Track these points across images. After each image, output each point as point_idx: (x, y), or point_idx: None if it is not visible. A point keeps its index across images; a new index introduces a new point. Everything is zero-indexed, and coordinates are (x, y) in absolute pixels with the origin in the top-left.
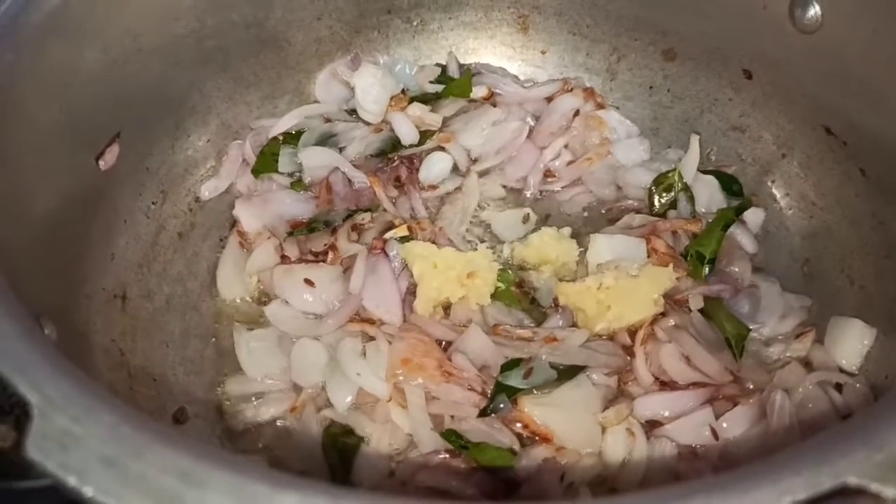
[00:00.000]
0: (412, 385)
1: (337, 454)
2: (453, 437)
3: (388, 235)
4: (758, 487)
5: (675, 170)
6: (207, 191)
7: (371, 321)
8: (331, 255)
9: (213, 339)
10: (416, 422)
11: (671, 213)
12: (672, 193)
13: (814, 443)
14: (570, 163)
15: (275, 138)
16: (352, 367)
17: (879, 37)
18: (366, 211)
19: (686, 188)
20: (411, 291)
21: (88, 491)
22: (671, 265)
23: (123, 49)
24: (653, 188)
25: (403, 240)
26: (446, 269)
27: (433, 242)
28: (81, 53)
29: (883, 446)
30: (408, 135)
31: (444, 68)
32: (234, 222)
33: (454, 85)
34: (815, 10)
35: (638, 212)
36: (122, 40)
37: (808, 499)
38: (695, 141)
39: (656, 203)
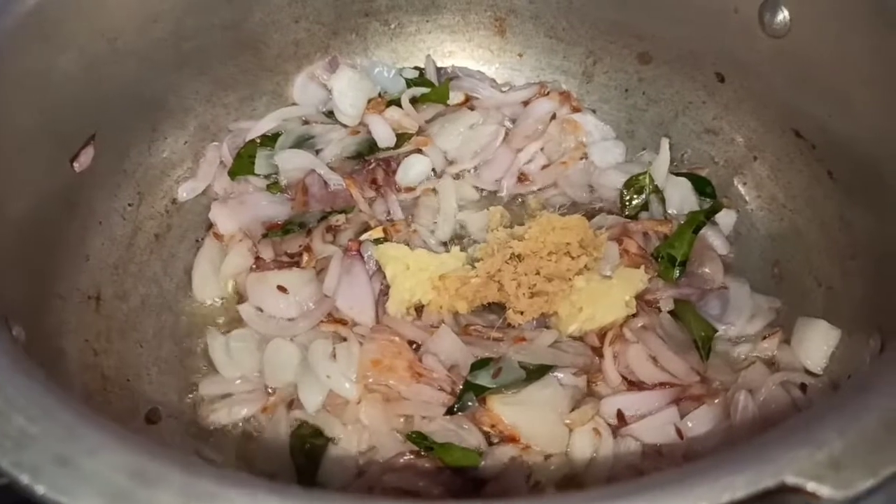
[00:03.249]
0: (369, 395)
1: (304, 455)
2: (418, 439)
3: (363, 237)
4: (699, 485)
5: (645, 172)
6: (185, 192)
7: (343, 322)
8: (305, 257)
9: (188, 340)
10: (375, 429)
11: (643, 214)
12: (643, 195)
13: (758, 441)
14: (545, 166)
15: (252, 140)
16: (322, 369)
17: (845, 41)
18: (341, 212)
19: (657, 190)
20: (385, 293)
21: (40, 489)
22: (643, 266)
23: (100, 51)
24: (624, 190)
25: (378, 241)
26: (419, 270)
27: (407, 244)
28: (57, 56)
29: (823, 445)
30: (385, 138)
31: (421, 71)
32: (210, 224)
33: (432, 92)
34: (783, 15)
35: (610, 213)
36: (98, 43)
37: (746, 496)
38: (665, 144)
39: (627, 205)
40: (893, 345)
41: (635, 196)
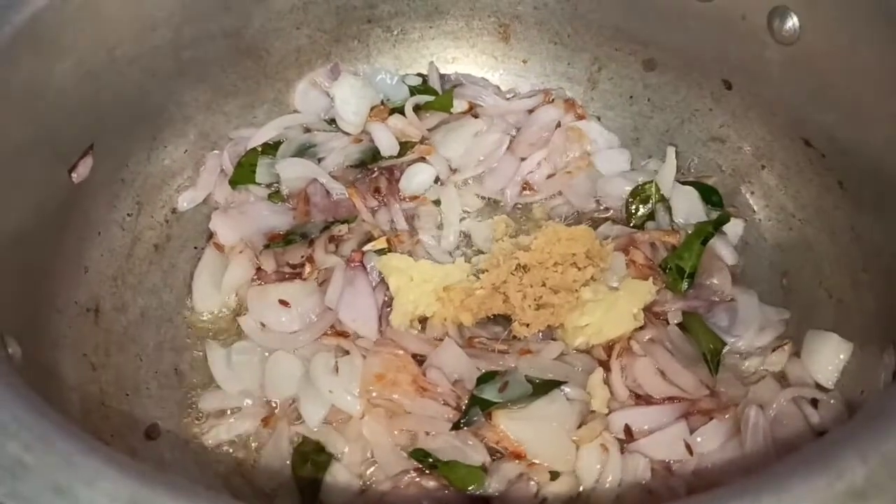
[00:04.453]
0: (373, 410)
1: (306, 472)
2: (422, 456)
3: (366, 248)
4: None
5: (651, 181)
6: (185, 202)
7: (346, 335)
8: (308, 268)
9: (188, 353)
10: (378, 445)
11: (649, 224)
12: (649, 205)
13: (774, 469)
14: (549, 176)
15: (253, 149)
16: (324, 384)
17: (856, 49)
18: (343, 222)
19: (663, 199)
20: (388, 304)
21: None
22: (650, 278)
23: (97, 61)
24: (630, 200)
25: (381, 252)
26: (422, 282)
27: (411, 255)
28: (54, 66)
29: (843, 473)
30: (388, 146)
31: (425, 78)
32: (211, 234)
33: (436, 100)
34: (793, 22)
35: (616, 222)
36: (96, 52)
37: None
38: (671, 153)
39: (633, 214)
40: None
41: (641, 205)
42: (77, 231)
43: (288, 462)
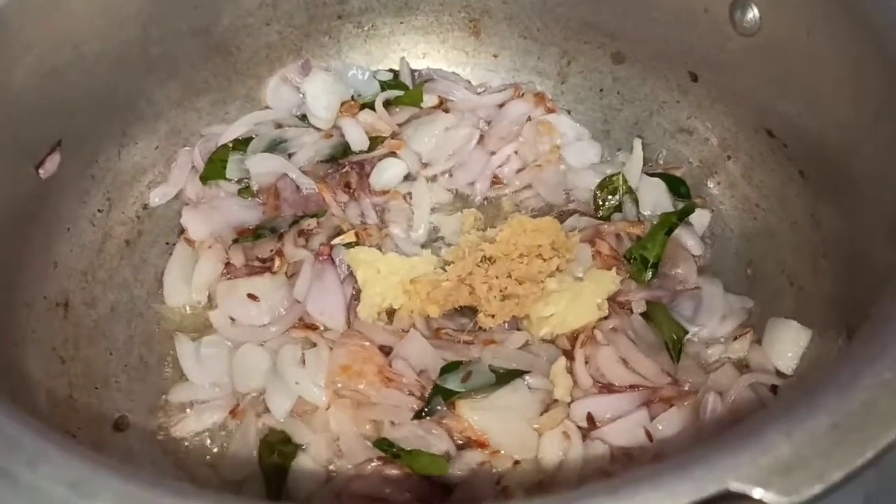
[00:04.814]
0: (339, 401)
1: (272, 462)
2: (386, 446)
3: (335, 242)
4: (638, 493)
5: (619, 173)
6: (157, 197)
7: (314, 327)
8: (277, 262)
9: (159, 347)
10: (344, 435)
11: (616, 215)
12: (617, 196)
13: (703, 446)
14: (519, 170)
15: (224, 145)
16: (290, 376)
17: (814, 40)
18: (313, 216)
19: (630, 191)
20: (356, 297)
21: None
22: (615, 268)
23: (63, 57)
24: (597, 192)
25: (349, 245)
26: (390, 274)
27: (379, 248)
28: (16, 63)
29: (769, 449)
30: (358, 141)
31: (396, 73)
32: (182, 229)
33: (406, 95)
34: (753, 13)
35: (584, 214)
36: (61, 49)
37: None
38: (637, 144)
39: (601, 206)
40: (854, 340)
41: (609, 197)
42: (46, 226)
43: (255, 453)
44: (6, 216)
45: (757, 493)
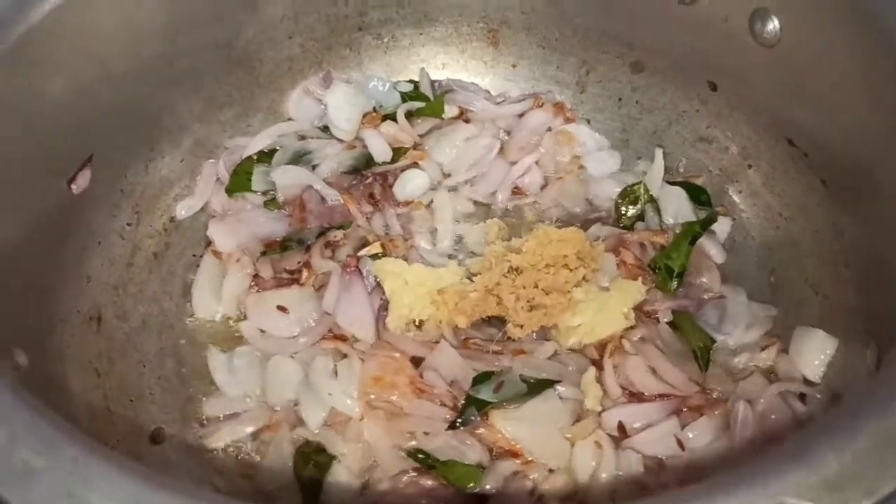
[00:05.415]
0: (371, 412)
1: (308, 473)
2: (421, 456)
3: (361, 253)
4: None
5: (640, 182)
6: (183, 210)
7: (344, 338)
8: (304, 273)
9: (190, 358)
10: (378, 446)
11: (639, 224)
12: (638, 206)
13: (754, 463)
14: (543, 187)
15: (248, 157)
16: (323, 388)
17: (834, 50)
18: (339, 228)
19: (652, 200)
20: (384, 308)
21: None
22: (640, 278)
23: (92, 75)
24: (619, 201)
25: (376, 257)
26: (417, 285)
27: (405, 259)
28: (48, 81)
29: (818, 467)
30: (381, 152)
31: (416, 84)
32: (209, 241)
33: (428, 106)
34: (774, 24)
35: (606, 223)
36: (90, 66)
37: None
38: (659, 154)
39: (623, 215)
40: (888, 359)
41: (630, 206)
42: (78, 241)
43: (290, 464)
44: (41, 232)
45: None
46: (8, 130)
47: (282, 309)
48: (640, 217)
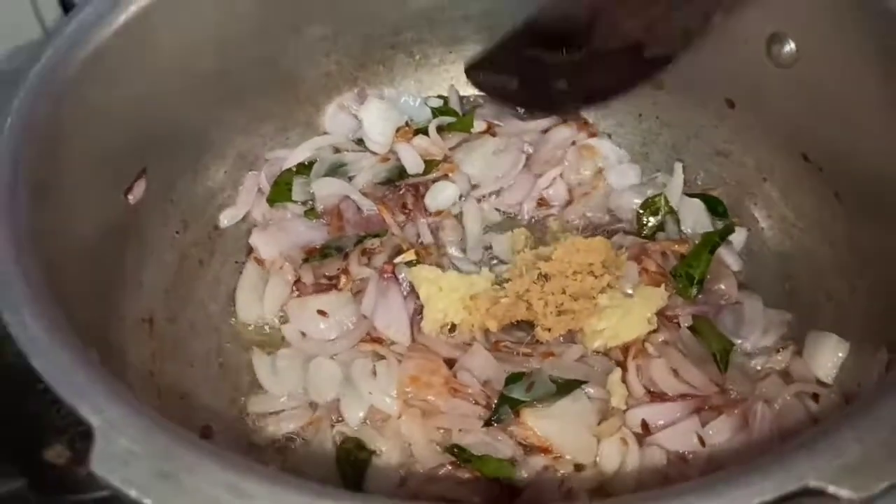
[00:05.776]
0: (409, 410)
1: (350, 467)
2: (457, 450)
3: (397, 260)
4: (734, 490)
5: (661, 194)
6: (226, 219)
7: (381, 341)
8: (343, 279)
9: (235, 360)
10: (416, 441)
11: (659, 234)
12: (659, 216)
13: (783, 450)
14: (568, 203)
15: (288, 169)
16: (364, 386)
17: (850, 70)
18: (375, 236)
19: (672, 211)
20: (419, 312)
21: (148, 502)
22: (662, 285)
23: (151, 90)
24: (640, 211)
25: (410, 264)
26: (451, 291)
27: (439, 266)
28: (112, 97)
29: (842, 452)
30: (413, 165)
31: (445, 100)
32: (251, 248)
33: (458, 122)
34: (790, 47)
35: (628, 233)
36: (149, 81)
37: (774, 499)
38: (678, 168)
39: (645, 226)
40: None
41: (652, 217)
42: (134, 248)
43: (331, 458)
44: (106, 238)
45: (832, 489)
46: (79, 142)
47: (322, 313)
48: (661, 227)
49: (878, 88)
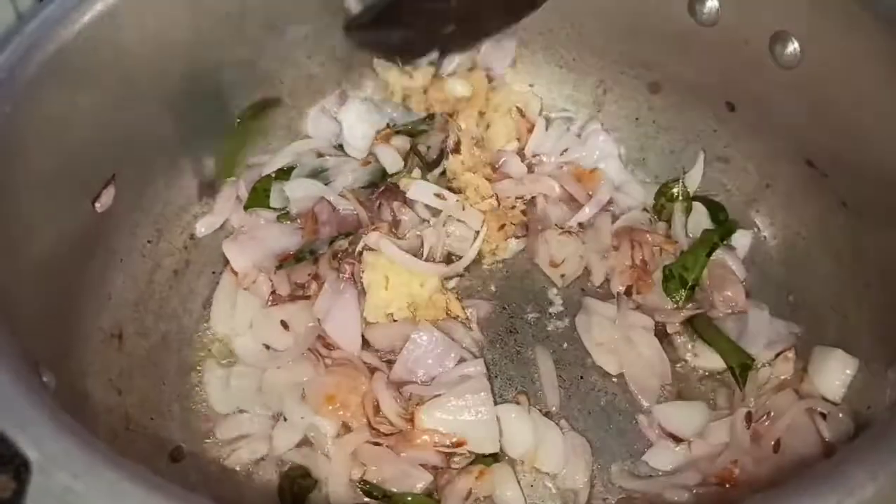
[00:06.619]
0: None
1: (291, 497)
2: (369, 487)
3: (360, 243)
4: None
5: (678, 180)
6: (203, 227)
7: (329, 347)
8: (314, 285)
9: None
10: (332, 478)
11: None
12: (675, 203)
13: (787, 487)
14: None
15: (267, 175)
16: (295, 413)
17: (855, 72)
18: (347, 236)
19: (688, 199)
20: None
21: None
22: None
23: (119, 94)
24: (656, 200)
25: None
26: (399, 285)
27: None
28: (77, 101)
29: (853, 490)
30: (392, 163)
31: None
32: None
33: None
34: (794, 47)
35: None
36: (117, 84)
37: None
38: (700, 157)
39: (662, 209)
40: None
41: (667, 203)
42: (100, 259)
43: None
44: (67, 249)
45: None
46: (36, 148)
47: (284, 325)
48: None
49: (884, 89)
